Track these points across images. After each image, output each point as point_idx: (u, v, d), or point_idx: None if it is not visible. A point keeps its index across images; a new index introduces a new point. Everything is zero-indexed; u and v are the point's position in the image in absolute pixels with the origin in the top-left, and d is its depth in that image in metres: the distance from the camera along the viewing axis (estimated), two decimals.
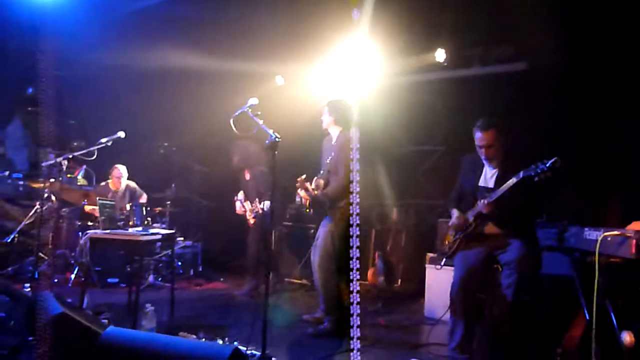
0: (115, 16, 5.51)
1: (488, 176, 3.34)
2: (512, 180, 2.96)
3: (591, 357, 2.54)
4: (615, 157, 4.54)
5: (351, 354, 3.07)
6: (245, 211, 5.41)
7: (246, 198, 5.44)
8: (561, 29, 4.81)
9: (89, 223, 5.47)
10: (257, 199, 5.20)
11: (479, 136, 3.24)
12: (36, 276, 5.33)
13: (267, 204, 5.14)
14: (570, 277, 2.94)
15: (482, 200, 3.15)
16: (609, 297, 2.63)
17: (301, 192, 4.08)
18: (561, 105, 5.00)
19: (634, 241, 2.20)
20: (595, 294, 2.45)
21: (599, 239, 2.40)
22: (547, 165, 2.75)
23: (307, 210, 4.23)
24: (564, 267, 3.09)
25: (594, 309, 2.48)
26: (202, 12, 5.34)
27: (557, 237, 2.90)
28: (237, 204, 5.51)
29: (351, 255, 2.72)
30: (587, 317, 2.68)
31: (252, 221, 5.37)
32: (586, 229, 2.62)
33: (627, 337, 2.58)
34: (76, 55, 5.67)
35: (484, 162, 3.34)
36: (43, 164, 4.98)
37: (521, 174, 2.91)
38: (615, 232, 2.34)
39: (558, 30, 4.83)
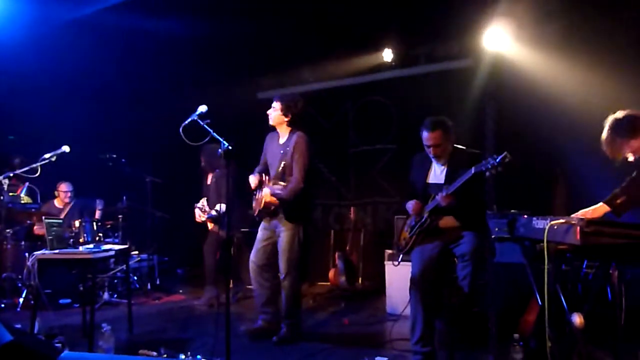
0: (52, 26, 5.29)
1: (437, 173, 3.42)
2: (466, 175, 3.05)
3: (545, 340, 2.65)
4: (560, 152, 4.79)
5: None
6: (205, 217, 5.30)
7: (207, 203, 5.34)
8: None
9: (38, 243, 5.21)
10: (217, 203, 5.09)
11: (426, 136, 3.33)
12: None
13: (222, 206, 5.04)
14: (522, 265, 3.06)
15: (440, 193, 3.22)
16: (559, 282, 2.76)
17: (266, 193, 3.72)
18: (504, 101, 5.21)
19: (578, 228, 2.30)
20: (545, 280, 2.55)
21: (547, 227, 2.49)
22: (498, 160, 2.84)
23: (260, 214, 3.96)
24: (515, 255, 3.21)
25: (546, 294, 2.58)
26: (143, 20, 5.21)
27: (508, 227, 3.00)
28: (197, 211, 5.39)
29: None
30: (540, 302, 2.80)
31: (210, 226, 5.27)
32: (534, 218, 2.72)
33: (577, 319, 2.72)
34: (10, 68, 5.40)
35: (432, 160, 3.43)
36: None
37: (473, 169, 2.99)
38: (561, 221, 2.44)
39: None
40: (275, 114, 3.87)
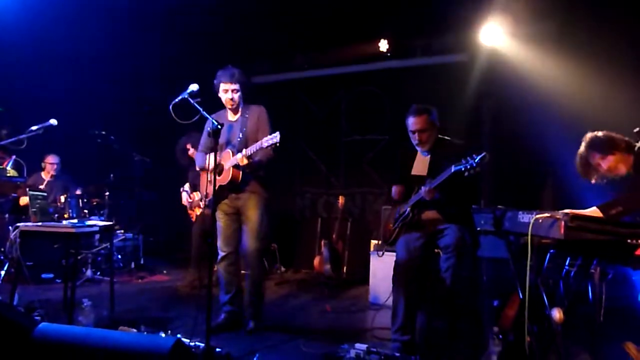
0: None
1: (421, 164, 3.40)
2: (446, 173, 3.02)
3: (524, 334, 2.66)
4: (549, 148, 4.80)
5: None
6: (192, 202, 5.27)
7: (194, 189, 5.29)
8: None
9: (23, 217, 5.14)
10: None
11: (412, 121, 3.30)
12: None
13: None
14: (506, 259, 3.07)
15: (423, 187, 3.21)
16: (541, 276, 2.77)
17: (240, 157, 3.40)
18: (499, 97, 5.23)
19: (563, 222, 2.31)
20: (527, 273, 2.56)
21: (531, 221, 2.49)
22: (477, 160, 2.80)
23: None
24: (500, 250, 3.22)
25: (527, 288, 2.59)
26: None
27: (494, 221, 3.01)
28: (184, 195, 5.34)
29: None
30: (521, 296, 2.82)
31: (197, 213, 5.25)
32: (520, 212, 2.72)
33: (556, 314, 2.73)
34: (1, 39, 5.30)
35: (417, 148, 3.40)
36: None
37: (452, 168, 2.95)
38: (546, 215, 2.44)
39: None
40: (237, 95, 3.64)
